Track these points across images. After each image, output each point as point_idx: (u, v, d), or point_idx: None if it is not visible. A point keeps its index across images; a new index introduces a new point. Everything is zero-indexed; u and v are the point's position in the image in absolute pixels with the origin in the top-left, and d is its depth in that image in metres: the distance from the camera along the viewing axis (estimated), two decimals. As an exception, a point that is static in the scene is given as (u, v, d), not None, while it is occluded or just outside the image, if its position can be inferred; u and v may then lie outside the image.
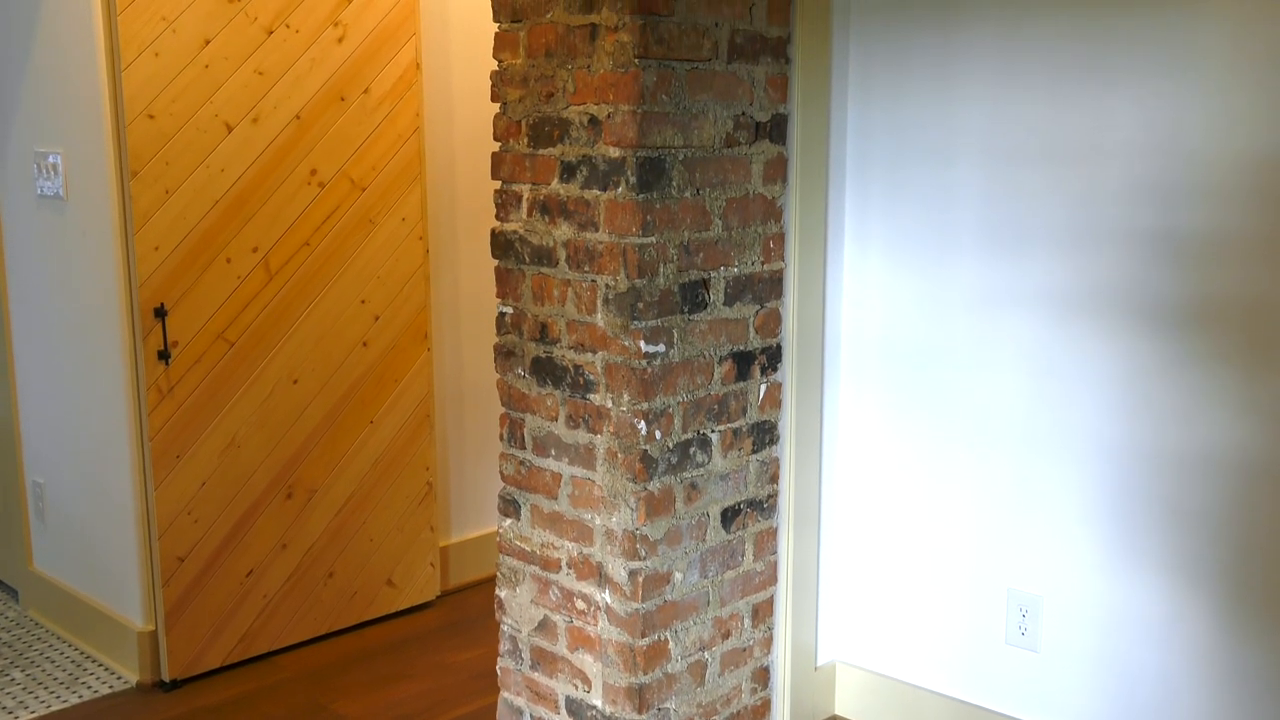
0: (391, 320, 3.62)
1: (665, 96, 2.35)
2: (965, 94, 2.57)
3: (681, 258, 2.45)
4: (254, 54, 3.23)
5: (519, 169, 2.57)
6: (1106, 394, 2.45)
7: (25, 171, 3.49)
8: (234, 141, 3.22)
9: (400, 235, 3.60)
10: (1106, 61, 2.36)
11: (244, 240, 3.27)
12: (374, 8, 3.45)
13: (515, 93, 2.55)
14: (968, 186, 2.60)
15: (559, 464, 2.59)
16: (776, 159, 2.63)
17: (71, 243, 3.32)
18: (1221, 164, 2.24)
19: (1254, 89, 2.18)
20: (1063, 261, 2.48)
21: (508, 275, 2.65)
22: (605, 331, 2.43)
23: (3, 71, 3.52)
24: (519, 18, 2.51)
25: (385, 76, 3.50)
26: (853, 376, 2.88)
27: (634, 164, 2.33)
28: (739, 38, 2.48)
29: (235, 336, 3.29)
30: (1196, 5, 2.23)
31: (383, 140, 3.53)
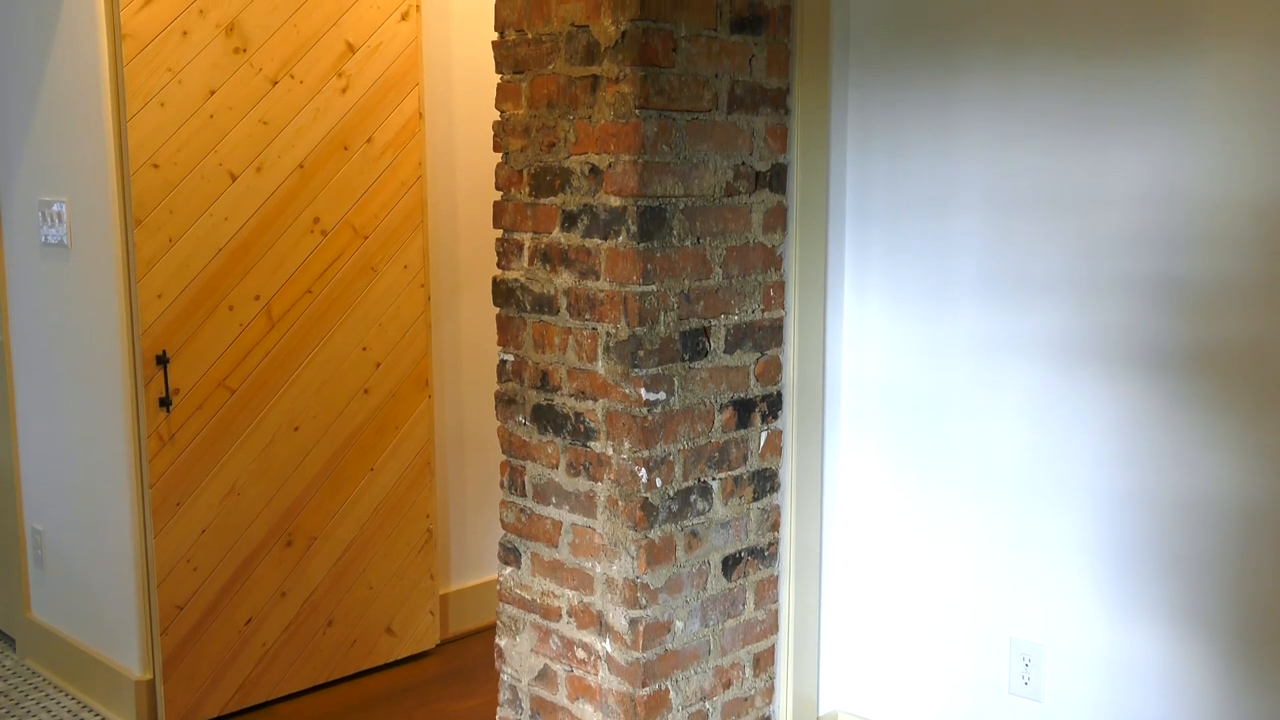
0: (393, 367, 3.63)
1: (666, 146, 2.37)
2: (963, 144, 2.60)
3: (682, 306, 2.46)
4: (259, 104, 3.26)
5: (521, 218, 2.59)
6: (1107, 441, 2.45)
7: (30, 220, 3.51)
8: (238, 190, 3.25)
9: (402, 283, 3.62)
10: (1103, 112, 2.38)
11: (246, 288, 3.29)
12: (378, 59, 3.49)
13: (517, 142, 2.57)
14: (967, 235, 2.62)
15: (560, 512, 2.58)
16: (776, 208, 2.64)
17: (74, 290, 3.33)
18: (1220, 211, 2.25)
19: (1251, 137, 2.20)
20: (1062, 309, 2.49)
21: (509, 323, 2.66)
22: (606, 379, 2.44)
23: (9, 121, 3.55)
24: (521, 69, 2.54)
25: (388, 126, 3.54)
26: (853, 424, 2.88)
27: (635, 213, 2.35)
28: (739, 89, 2.51)
29: (236, 384, 3.29)
30: (1191, 56, 2.25)
31: (385, 189, 3.55)
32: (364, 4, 3.44)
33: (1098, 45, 2.37)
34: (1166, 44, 2.28)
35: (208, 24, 3.15)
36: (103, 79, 3.07)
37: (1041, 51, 2.45)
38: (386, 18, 3.49)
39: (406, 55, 3.55)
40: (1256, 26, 2.18)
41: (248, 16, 3.21)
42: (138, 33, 3.03)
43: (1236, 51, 2.21)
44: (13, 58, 3.48)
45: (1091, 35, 2.38)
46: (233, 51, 3.20)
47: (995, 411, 2.62)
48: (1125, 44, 2.33)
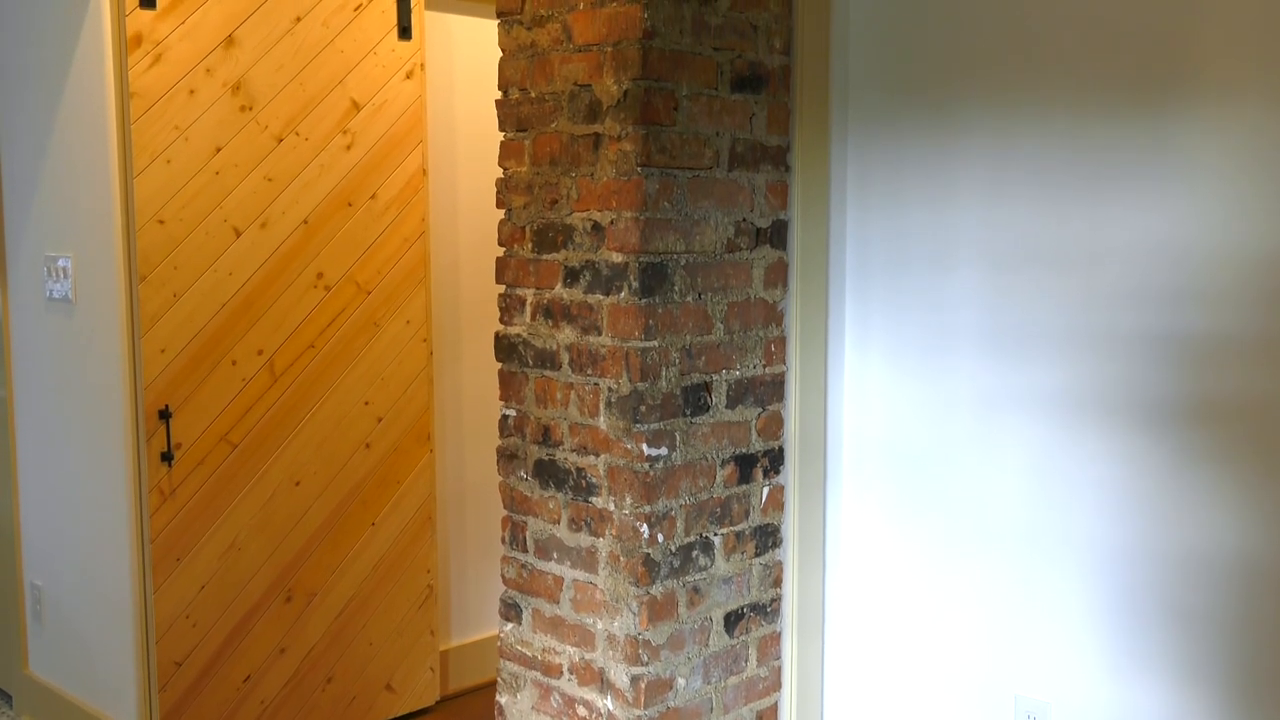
0: (394, 422, 3.63)
1: (667, 203, 2.39)
2: (961, 200, 2.62)
3: (684, 361, 2.47)
4: (264, 161, 3.30)
5: (523, 273, 2.61)
6: (1109, 495, 2.45)
7: (35, 275, 3.53)
8: (242, 246, 3.27)
9: (404, 338, 3.64)
10: (1101, 169, 2.40)
11: (249, 343, 3.30)
12: (382, 116, 3.53)
13: (520, 199, 2.60)
14: (966, 291, 2.63)
15: (561, 567, 2.57)
16: (777, 264, 2.66)
17: (78, 345, 3.35)
18: (1220, 266, 2.27)
19: (1250, 193, 2.22)
20: (1062, 365, 2.49)
21: (511, 378, 2.66)
22: (608, 434, 2.44)
23: (17, 177, 3.59)
24: (524, 127, 2.57)
25: (392, 182, 3.57)
26: (855, 479, 2.88)
27: (636, 269, 2.36)
28: (739, 146, 2.54)
29: (239, 438, 3.29)
30: (1189, 113, 2.28)
31: (389, 244, 3.58)
32: (369, 63, 3.48)
33: (1094, 103, 2.40)
34: (1164, 101, 2.31)
35: (215, 83, 3.19)
36: (110, 136, 3.10)
37: (1037, 110, 2.48)
38: (391, 76, 3.53)
39: (411, 113, 3.59)
40: (1254, 83, 2.20)
41: (254, 75, 3.26)
42: (145, 91, 3.07)
43: (1235, 108, 2.23)
44: (21, 115, 3.52)
45: (1087, 93, 2.41)
46: (239, 109, 3.24)
47: (997, 466, 2.62)
48: (1122, 101, 2.36)
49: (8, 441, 3.76)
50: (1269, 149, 2.20)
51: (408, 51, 3.57)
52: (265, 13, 3.27)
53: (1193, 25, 2.26)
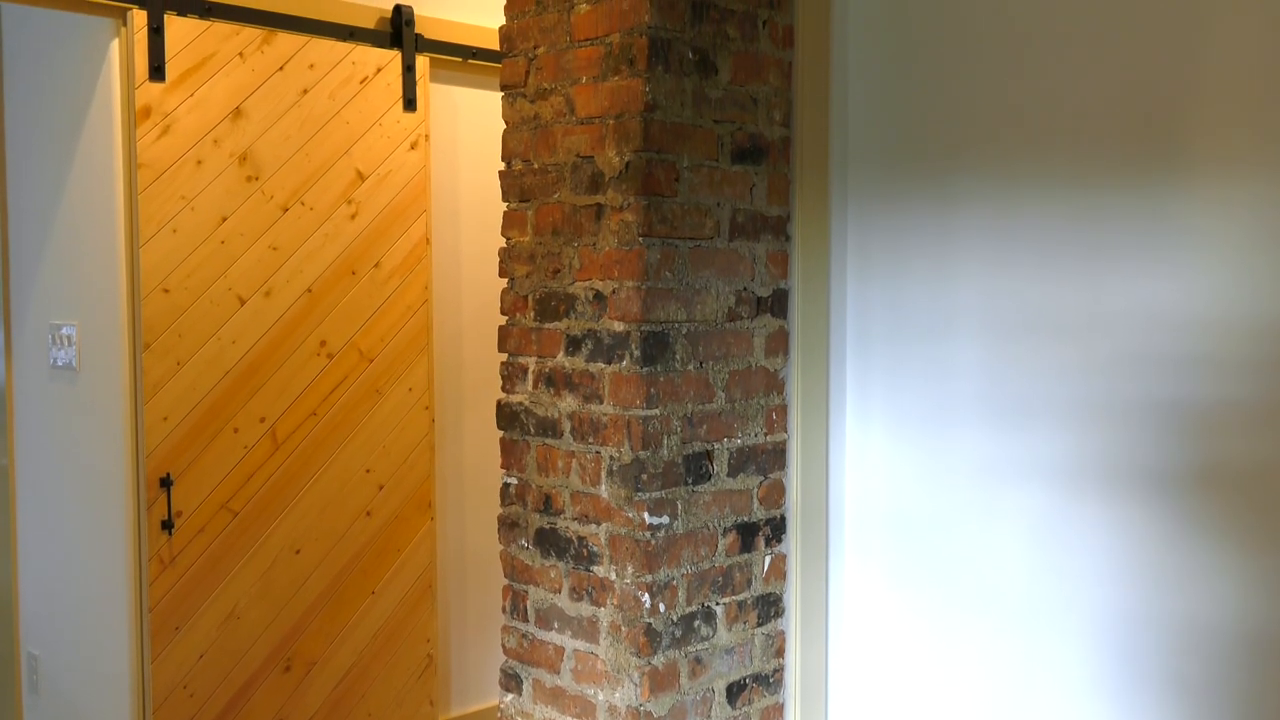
0: (395, 489, 3.63)
1: (669, 273, 2.41)
2: (961, 270, 2.64)
3: (685, 430, 2.47)
4: (269, 230, 3.33)
5: (525, 342, 2.62)
6: (1111, 563, 2.44)
7: (40, 342, 3.55)
8: (246, 314, 3.29)
9: (406, 405, 3.64)
10: (1099, 239, 2.42)
11: (252, 410, 3.31)
12: (387, 186, 3.57)
13: (523, 269, 2.62)
14: (967, 361, 2.64)
15: (562, 637, 2.56)
16: (778, 333, 2.68)
17: (81, 413, 3.35)
18: (1219, 334, 2.28)
19: (1249, 262, 2.24)
20: (1063, 433, 2.50)
21: (513, 446, 2.67)
22: (609, 503, 2.44)
23: (24, 246, 3.62)
24: (527, 198, 2.60)
25: (396, 251, 3.60)
26: (857, 548, 2.87)
27: (638, 338, 2.38)
28: (740, 217, 2.56)
29: (239, 506, 3.29)
30: (1187, 183, 2.30)
31: (392, 312, 3.60)
32: (374, 134, 3.53)
33: (1093, 174, 2.43)
34: (1161, 172, 2.34)
35: (222, 153, 3.23)
36: (118, 206, 3.14)
37: (1036, 180, 2.51)
38: (396, 147, 3.58)
39: (415, 183, 3.63)
40: (1248, 154, 2.23)
41: (261, 146, 3.30)
42: (153, 162, 3.10)
43: (1230, 178, 2.26)
44: (30, 185, 3.56)
45: (1086, 164, 2.43)
46: (245, 179, 3.28)
47: (998, 534, 2.61)
48: (1120, 172, 2.39)
49: (8, 509, 3.76)
50: (1264, 218, 2.22)
51: (412, 123, 3.62)
52: (273, 85, 3.32)
53: (1189, 98, 2.29)
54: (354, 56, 3.49)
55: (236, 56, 3.25)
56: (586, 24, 2.45)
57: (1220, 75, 2.25)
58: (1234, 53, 2.23)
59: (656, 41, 2.35)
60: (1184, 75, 2.29)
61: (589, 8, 2.44)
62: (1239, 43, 2.22)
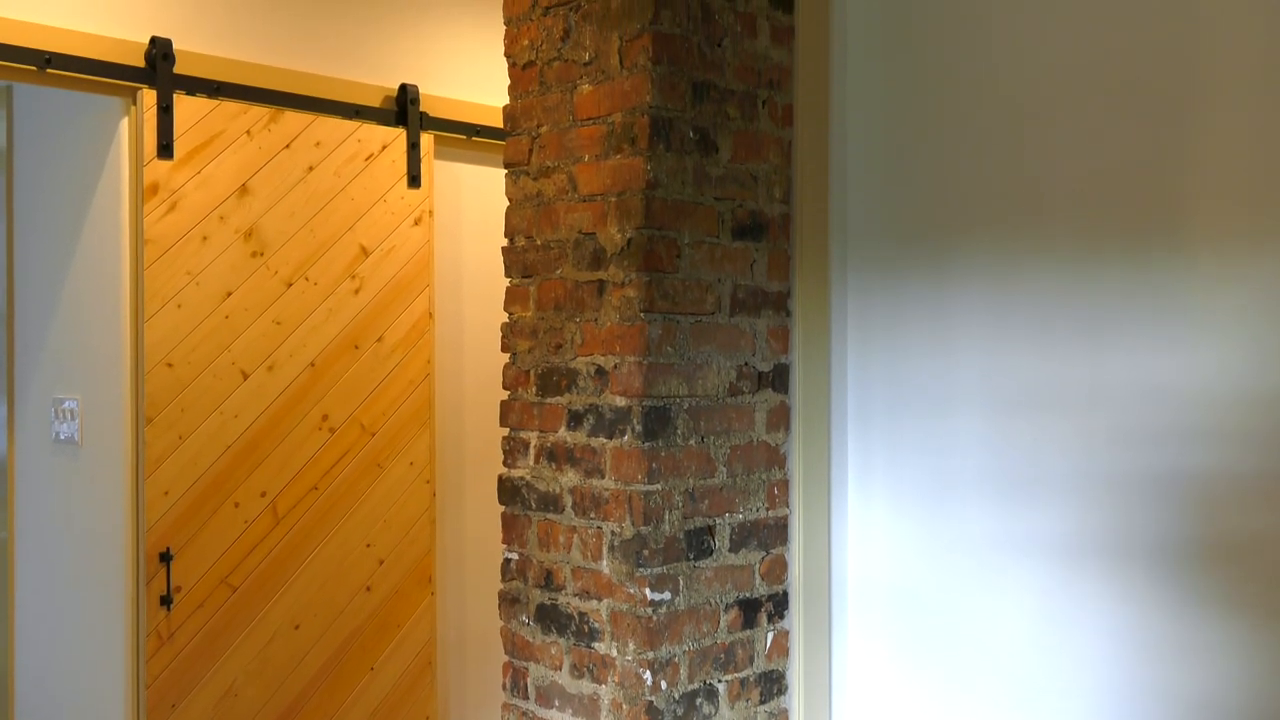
0: (396, 564, 3.61)
1: (670, 348, 2.43)
2: (960, 345, 2.65)
3: (687, 504, 2.47)
4: (273, 305, 3.35)
5: (527, 416, 2.63)
6: (1114, 638, 2.42)
7: (43, 416, 3.56)
8: (249, 388, 3.30)
9: (408, 479, 3.64)
10: (1098, 314, 2.44)
11: (253, 485, 3.31)
12: (391, 261, 3.60)
13: (525, 343, 2.63)
14: (967, 435, 2.64)
15: (563, 715, 2.53)
16: (779, 407, 2.68)
17: (82, 487, 3.35)
18: (1219, 406, 2.28)
19: (1246, 335, 2.25)
20: (1065, 507, 2.49)
21: (514, 521, 2.66)
22: (610, 578, 2.43)
23: (29, 320, 3.64)
24: (530, 273, 2.62)
25: (399, 325, 3.62)
26: (860, 624, 2.85)
27: (640, 413, 2.38)
28: (741, 292, 2.58)
29: (239, 581, 3.27)
30: (1183, 258, 2.33)
31: (394, 386, 3.61)
32: (378, 210, 3.57)
33: (1091, 250, 2.45)
34: (1158, 247, 2.36)
35: (228, 229, 3.26)
36: (123, 281, 3.16)
37: (1035, 257, 2.53)
38: (400, 222, 3.62)
39: (419, 258, 3.66)
40: (1243, 230, 2.25)
41: (267, 222, 3.33)
42: (160, 238, 3.14)
43: (1229, 254, 2.28)
44: (37, 260, 3.60)
45: (1084, 240, 2.46)
46: (250, 255, 3.31)
47: (1002, 610, 2.59)
48: (1118, 248, 2.41)
49: (6, 583, 3.74)
50: (1262, 293, 2.24)
51: (417, 199, 3.66)
52: (279, 162, 3.36)
53: (1186, 174, 2.32)
54: (360, 134, 3.54)
55: (244, 134, 3.29)
56: (589, 104, 2.49)
57: (1217, 152, 2.28)
58: (1230, 131, 2.26)
59: (658, 121, 2.39)
60: (1181, 152, 2.32)
61: (592, 88, 2.48)
62: (1236, 121, 2.26)
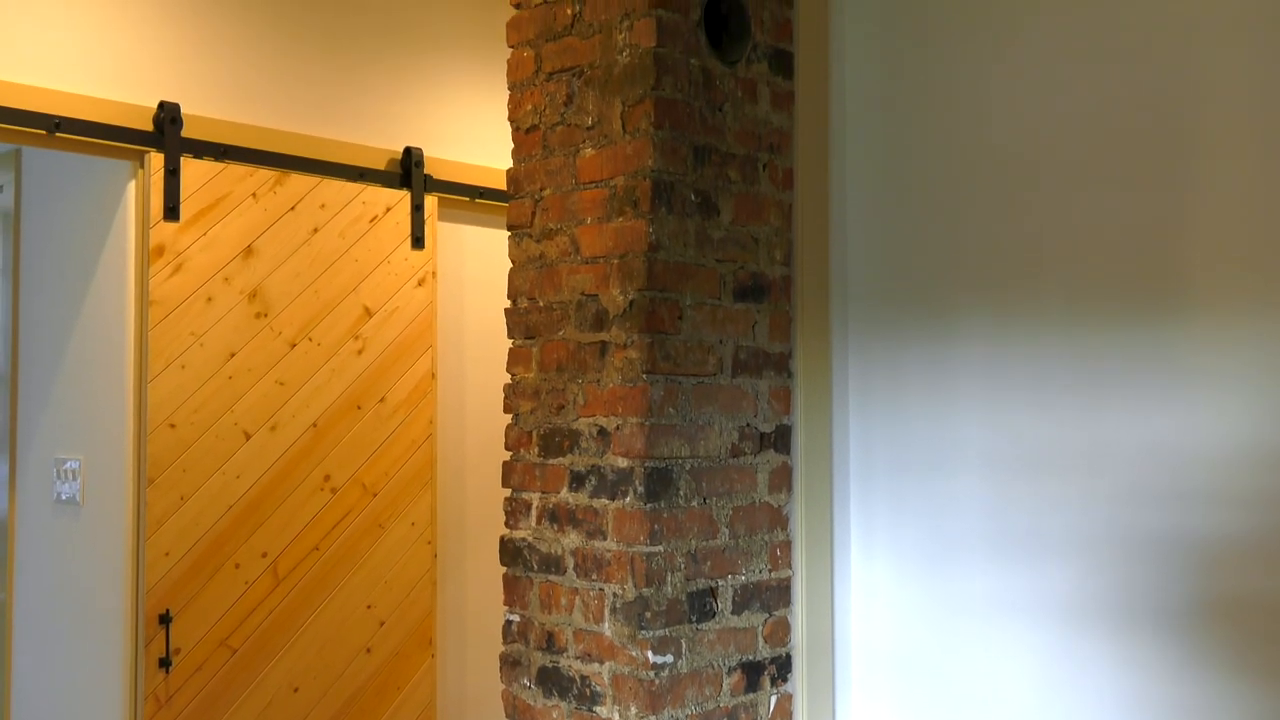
0: (396, 626, 3.59)
1: (672, 409, 2.43)
2: (961, 406, 2.66)
3: (689, 566, 2.46)
4: (276, 365, 3.37)
5: (529, 477, 2.63)
6: (1119, 699, 2.40)
7: (44, 476, 3.55)
8: (251, 448, 3.31)
9: (409, 540, 3.63)
10: (1097, 376, 2.45)
11: (254, 545, 3.30)
12: (394, 322, 3.61)
13: (527, 404, 2.64)
14: (969, 496, 2.64)
15: (564, 780, 2.51)
16: (781, 468, 2.68)
17: (82, 547, 3.34)
18: (1219, 466, 2.28)
19: (1246, 396, 2.26)
20: (1067, 568, 2.48)
21: (515, 582, 2.65)
22: (612, 641, 2.42)
23: (33, 380, 3.65)
24: (532, 335, 2.64)
25: (401, 386, 3.63)
26: (864, 687, 2.82)
27: (642, 474, 2.38)
28: (742, 354, 2.59)
29: (238, 643, 3.25)
30: (1182, 319, 2.34)
31: (396, 446, 3.61)
32: (382, 271, 3.59)
33: (1089, 310, 2.46)
34: (1155, 308, 2.37)
35: (232, 290, 3.28)
36: (128, 342, 3.18)
37: (1033, 318, 2.54)
38: (403, 284, 3.64)
39: (422, 318, 3.68)
40: (1240, 290, 2.27)
41: (271, 283, 3.36)
42: (165, 299, 3.16)
43: (1225, 313, 2.29)
44: (42, 320, 3.61)
45: (1082, 300, 2.47)
46: (254, 316, 3.32)
47: (1005, 671, 2.57)
48: (1115, 309, 2.43)
49: (3, 644, 3.71)
50: (1260, 354, 2.25)
51: (420, 260, 3.69)
52: (284, 224, 3.39)
53: (1180, 237, 2.34)
54: (364, 196, 3.57)
55: (250, 197, 3.33)
56: (592, 167, 2.52)
57: (1213, 214, 2.30)
58: (1226, 193, 2.29)
59: (660, 184, 2.41)
60: (1178, 214, 2.34)
61: (594, 152, 2.51)
62: (1232, 183, 2.28)
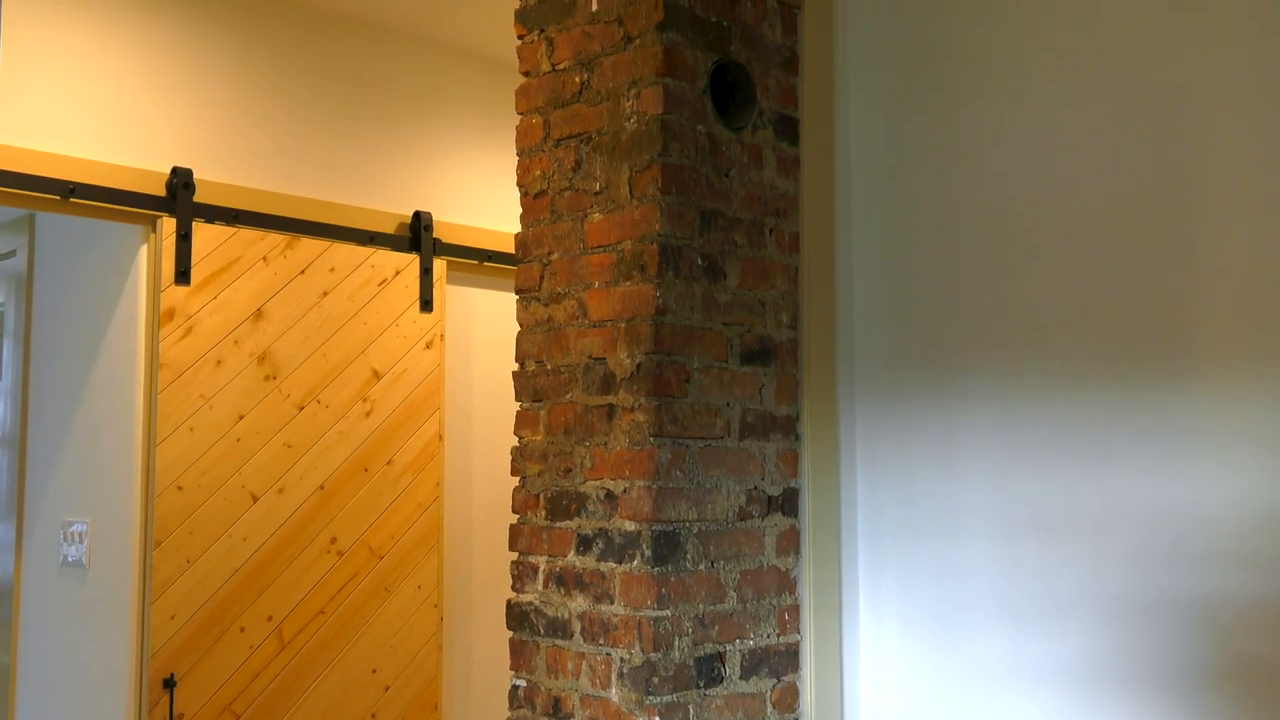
0: (402, 691, 3.56)
1: (679, 472, 2.43)
2: (969, 470, 2.65)
3: (697, 630, 2.45)
4: (284, 428, 3.37)
5: (536, 541, 2.62)
6: (1137, 775, 2.37)
7: (51, 539, 3.55)
8: (258, 511, 3.31)
9: (415, 603, 3.61)
10: (1104, 438, 2.45)
11: (259, 609, 3.28)
12: (402, 384, 3.63)
13: (535, 467, 2.64)
14: (978, 559, 2.63)
15: None
16: (789, 531, 2.68)
17: (88, 611, 3.33)
18: (1228, 530, 2.27)
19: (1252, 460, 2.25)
20: (1077, 632, 2.46)
21: (522, 647, 2.64)
22: (620, 707, 2.40)
23: (41, 443, 3.66)
24: (540, 398, 2.64)
25: (409, 448, 3.63)
26: (874, 754, 2.79)
27: (649, 537, 2.38)
28: (750, 416, 2.60)
29: (242, 709, 3.23)
30: (1187, 384, 2.34)
31: (403, 509, 3.61)
32: (391, 334, 3.61)
33: (1094, 374, 2.47)
34: (1161, 372, 2.38)
35: (241, 353, 3.30)
36: (137, 405, 3.19)
37: (1040, 380, 2.55)
38: (411, 346, 3.66)
39: (429, 381, 3.69)
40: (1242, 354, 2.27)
41: (280, 346, 3.37)
42: (175, 362, 3.17)
43: (1231, 376, 2.29)
44: (52, 383, 3.63)
45: (1089, 364, 2.48)
46: (263, 379, 3.34)
47: (1019, 742, 2.55)
48: (1120, 373, 2.43)
49: (6, 708, 3.69)
50: (1263, 415, 2.25)
51: (429, 323, 3.71)
52: (294, 287, 3.42)
53: (1185, 300, 2.35)
54: (374, 260, 3.60)
55: (260, 260, 3.36)
56: (599, 232, 2.54)
57: (1218, 277, 2.31)
58: (1231, 256, 2.30)
59: (667, 249, 2.44)
60: (1183, 277, 2.35)
61: (602, 217, 2.54)
62: (1236, 246, 2.30)
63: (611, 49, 2.54)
